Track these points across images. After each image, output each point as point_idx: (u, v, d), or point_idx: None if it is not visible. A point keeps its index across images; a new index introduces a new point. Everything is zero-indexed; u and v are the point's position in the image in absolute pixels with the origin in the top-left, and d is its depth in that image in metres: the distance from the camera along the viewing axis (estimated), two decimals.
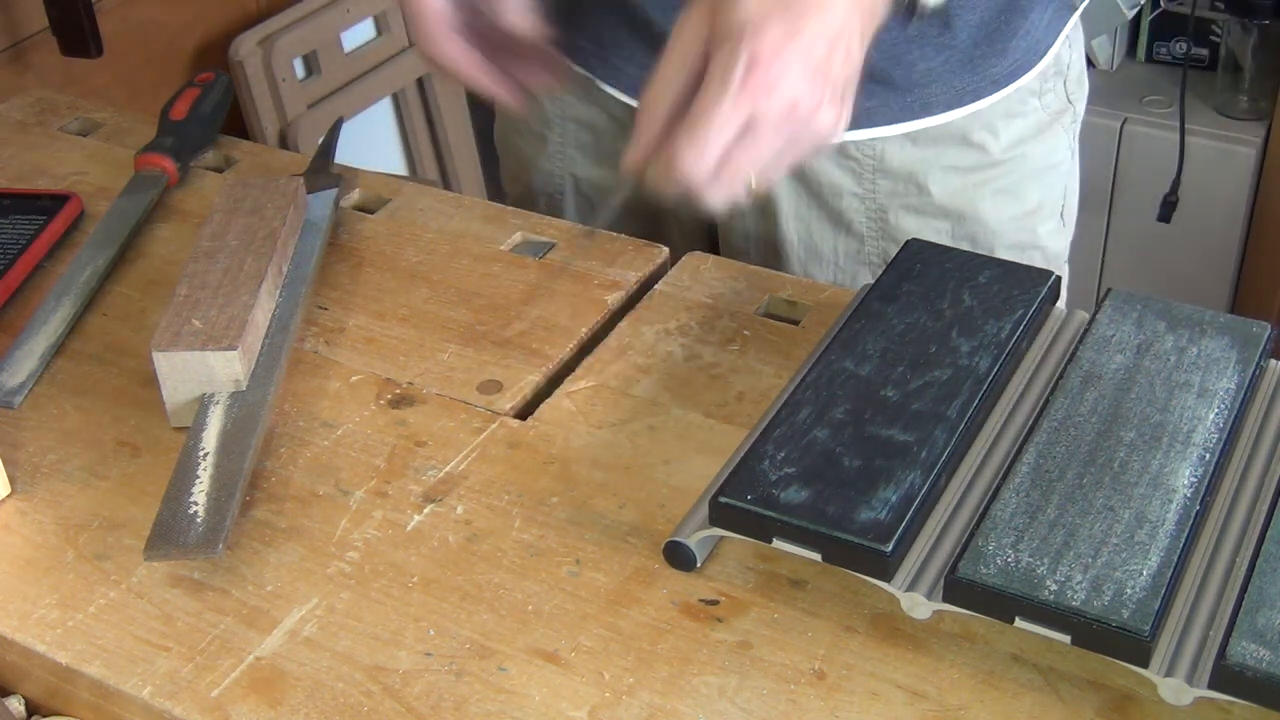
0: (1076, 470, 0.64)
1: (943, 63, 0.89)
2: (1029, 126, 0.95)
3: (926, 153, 0.93)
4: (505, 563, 0.68)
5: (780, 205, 0.96)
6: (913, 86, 0.90)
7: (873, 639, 0.63)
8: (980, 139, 0.94)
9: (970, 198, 0.95)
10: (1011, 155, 0.95)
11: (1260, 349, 0.71)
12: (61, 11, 1.51)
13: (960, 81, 0.90)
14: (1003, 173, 0.95)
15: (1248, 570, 0.60)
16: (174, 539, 0.67)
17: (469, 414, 0.77)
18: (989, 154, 0.94)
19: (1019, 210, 0.97)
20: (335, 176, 0.95)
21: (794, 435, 0.66)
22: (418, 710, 0.61)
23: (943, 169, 0.94)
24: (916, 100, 0.91)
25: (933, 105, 0.91)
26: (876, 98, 0.89)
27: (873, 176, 0.94)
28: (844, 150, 0.93)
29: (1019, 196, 0.97)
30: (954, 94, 0.91)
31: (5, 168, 1.01)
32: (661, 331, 0.82)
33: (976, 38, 0.89)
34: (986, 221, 0.96)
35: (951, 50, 0.89)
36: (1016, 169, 0.96)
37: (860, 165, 0.93)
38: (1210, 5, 2.02)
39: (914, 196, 0.94)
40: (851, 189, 0.94)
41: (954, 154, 0.94)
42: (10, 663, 0.67)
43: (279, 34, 1.92)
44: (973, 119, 0.92)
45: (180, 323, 0.76)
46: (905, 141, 0.92)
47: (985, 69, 0.91)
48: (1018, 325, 0.73)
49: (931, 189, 0.94)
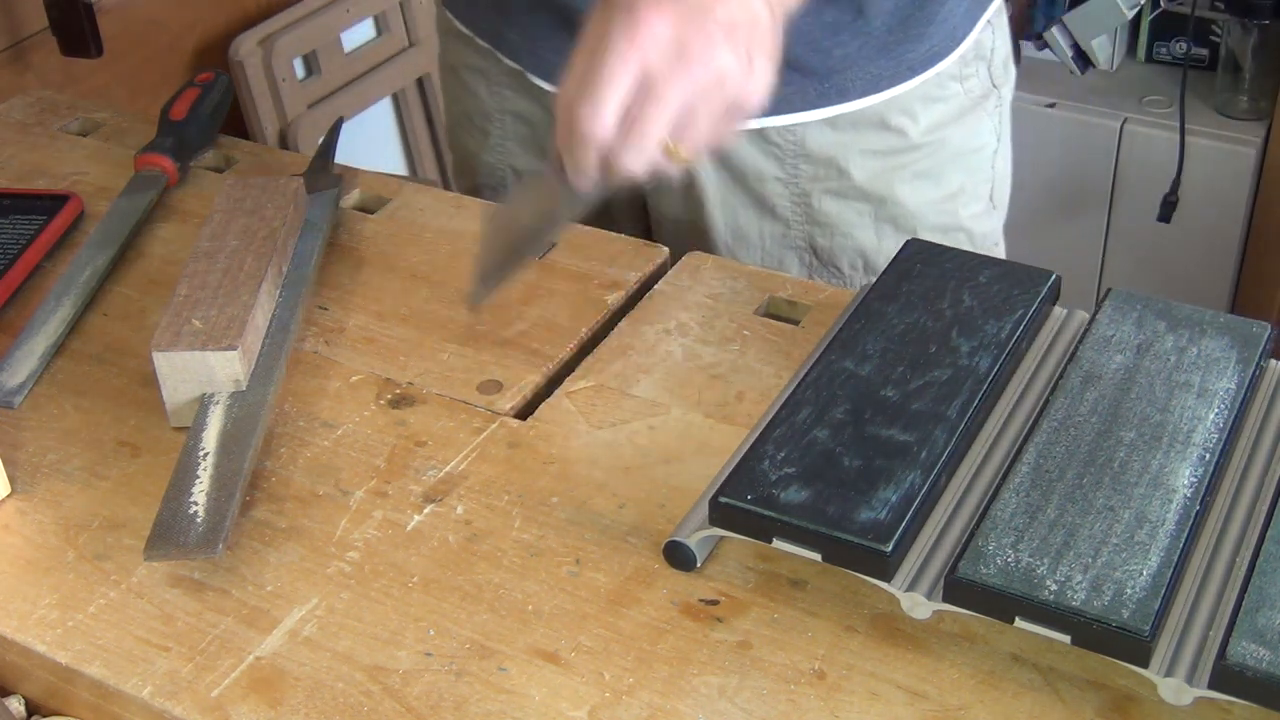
0: (1076, 470, 0.64)
1: (858, 48, 0.90)
2: (949, 111, 0.96)
3: (846, 137, 0.94)
4: (505, 563, 0.68)
5: (706, 191, 0.97)
6: (830, 73, 0.91)
7: (873, 639, 0.63)
8: (899, 123, 0.95)
9: (889, 180, 0.96)
10: (931, 139, 0.96)
11: (1260, 349, 0.71)
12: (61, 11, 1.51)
13: (876, 67, 0.92)
14: (922, 156, 0.97)
15: (1248, 570, 0.60)
16: (174, 539, 0.67)
17: (469, 414, 0.77)
18: (908, 138, 0.95)
19: (939, 193, 0.99)
20: (335, 176, 0.95)
21: (794, 435, 0.66)
22: (418, 710, 0.61)
23: (862, 153, 0.95)
24: (834, 86, 0.92)
25: (850, 91, 0.92)
26: (794, 84, 0.90)
27: (794, 161, 0.95)
28: (765, 136, 0.94)
29: (939, 180, 0.98)
30: (870, 79, 0.92)
31: (5, 168, 1.01)
32: (661, 331, 0.82)
33: (891, 24, 0.90)
34: (906, 204, 0.97)
35: (867, 37, 0.90)
36: (936, 152, 0.97)
37: (782, 150, 0.95)
38: (1210, 5, 2.02)
39: (835, 180, 0.96)
40: (775, 174, 0.96)
41: (873, 138, 0.95)
42: (10, 663, 0.67)
43: (279, 34, 1.91)
44: (890, 104, 0.94)
45: (180, 323, 0.76)
46: (825, 126, 0.94)
47: (901, 54, 0.92)
48: (1018, 325, 0.73)
49: (852, 173, 0.95)
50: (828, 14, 0.88)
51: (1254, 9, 1.95)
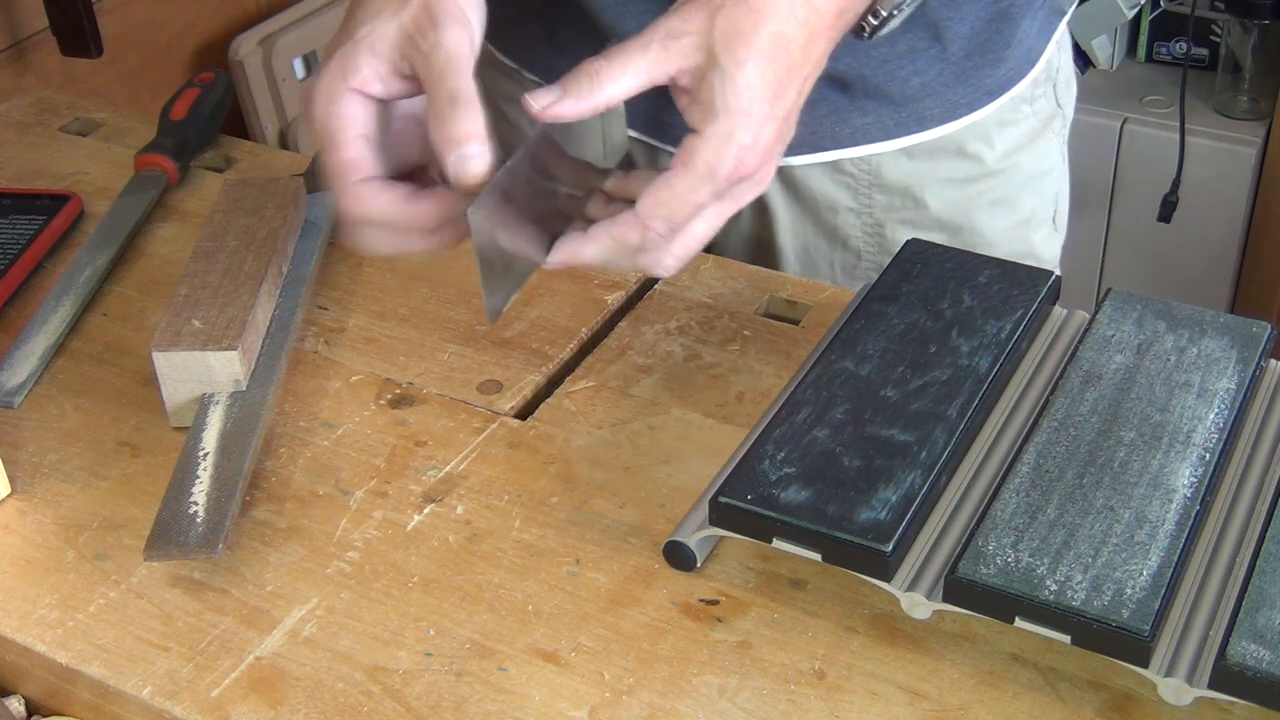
0: (1076, 470, 0.64)
1: (936, 75, 0.88)
2: (1022, 134, 0.95)
3: (922, 166, 0.92)
4: (505, 563, 0.68)
5: (777, 217, 0.96)
6: (907, 101, 0.89)
7: (873, 639, 0.63)
8: (976, 150, 0.93)
9: (967, 209, 0.95)
10: (1006, 165, 0.95)
11: (1260, 349, 0.71)
12: (61, 11, 1.51)
13: (954, 94, 0.90)
14: (998, 183, 0.95)
15: (1248, 570, 0.60)
16: (174, 539, 0.67)
17: (469, 414, 0.77)
18: (984, 164, 0.94)
19: (1014, 219, 0.97)
20: None
21: (794, 435, 0.66)
22: (418, 710, 0.61)
23: (939, 182, 0.93)
24: (911, 115, 0.90)
25: (928, 119, 0.90)
26: (871, 114, 0.89)
27: (869, 192, 0.93)
28: (839, 166, 0.92)
29: (1013, 206, 0.97)
30: (948, 106, 0.90)
31: (5, 168, 1.01)
32: (661, 331, 0.82)
33: (969, 49, 0.88)
34: (984, 233, 0.95)
35: (945, 63, 0.88)
36: (1011, 178, 0.96)
37: (856, 181, 0.93)
38: (1210, 5, 2.02)
39: (910, 210, 0.94)
40: (847, 204, 0.94)
41: (950, 166, 0.93)
42: (10, 663, 0.67)
43: (279, 34, 1.91)
44: (968, 130, 0.92)
45: (180, 323, 0.76)
46: (901, 156, 0.92)
47: (979, 80, 0.90)
48: (1018, 325, 0.73)
49: (928, 202, 0.94)
50: (903, 41, 0.86)
51: (1254, 9, 1.96)
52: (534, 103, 0.64)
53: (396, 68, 0.66)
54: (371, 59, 0.66)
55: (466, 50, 0.65)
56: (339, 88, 0.67)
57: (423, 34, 0.65)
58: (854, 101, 0.88)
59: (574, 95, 0.64)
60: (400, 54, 0.66)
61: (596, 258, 0.67)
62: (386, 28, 0.66)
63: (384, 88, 0.67)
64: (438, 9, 0.65)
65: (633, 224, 0.65)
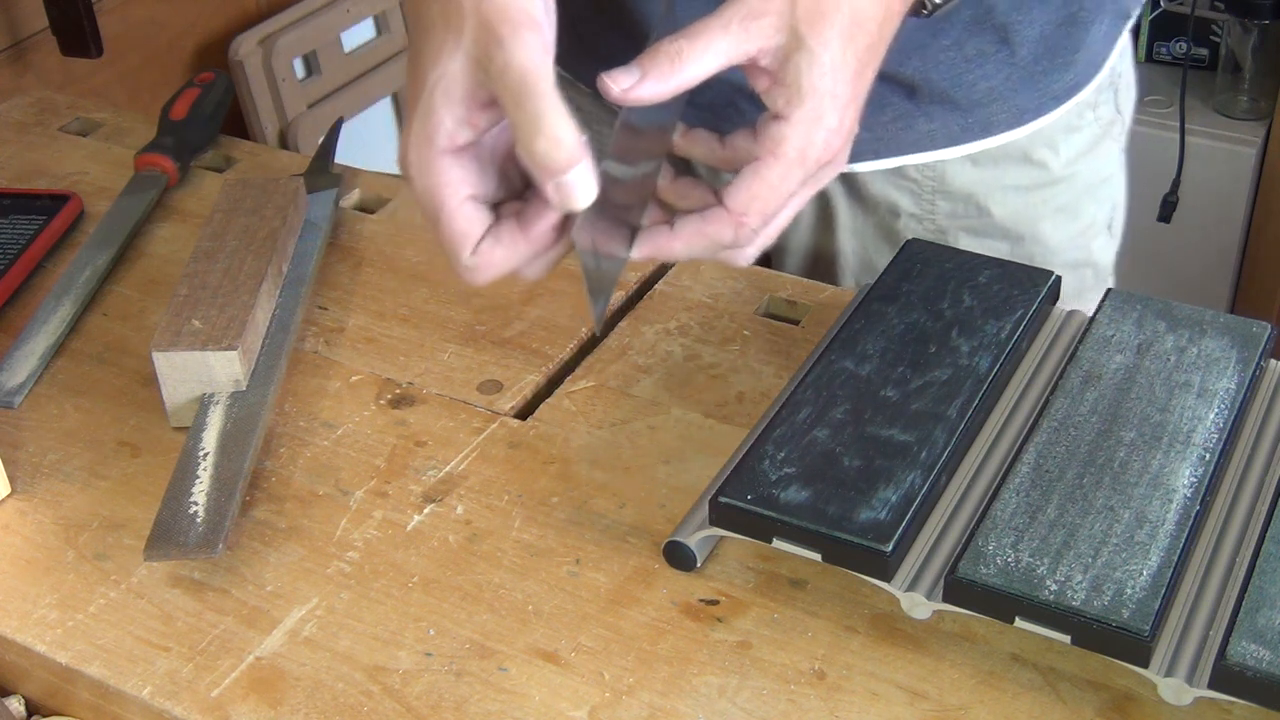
0: (1076, 470, 0.64)
1: (1004, 80, 0.86)
2: (1084, 140, 0.93)
3: (987, 174, 0.90)
4: (505, 563, 0.68)
5: (838, 219, 0.94)
6: (974, 107, 0.87)
7: (873, 639, 0.63)
8: (1041, 157, 0.91)
9: (1030, 217, 0.93)
10: (1070, 171, 0.93)
11: (1260, 349, 0.71)
12: (61, 11, 1.51)
13: (1021, 99, 0.88)
14: (1061, 190, 0.93)
15: (1248, 570, 0.60)
16: (174, 539, 0.67)
17: (469, 414, 0.77)
18: (1049, 171, 0.92)
19: (1076, 227, 0.95)
20: (335, 176, 0.95)
21: (794, 435, 0.66)
22: (418, 710, 0.61)
23: (1003, 189, 0.91)
24: (977, 121, 0.88)
25: (994, 125, 0.88)
26: (937, 120, 0.87)
27: (932, 198, 0.91)
28: (903, 172, 0.91)
29: (1076, 213, 0.94)
30: (1015, 112, 0.88)
31: (5, 168, 1.01)
32: (661, 331, 0.82)
33: (1037, 53, 0.86)
34: (1046, 241, 0.93)
35: (1012, 68, 0.86)
36: (1074, 185, 0.93)
37: (920, 187, 0.91)
38: (1210, 5, 2.02)
39: (974, 218, 0.92)
40: (910, 210, 0.92)
41: (1015, 173, 0.91)
42: (10, 663, 0.67)
43: (279, 34, 1.91)
44: (1034, 137, 0.90)
45: (180, 323, 0.76)
46: (966, 163, 0.90)
47: (1046, 85, 0.88)
48: (1018, 325, 0.73)
49: (992, 210, 0.92)
50: (970, 45, 0.84)
51: (1254, 9, 1.96)
52: (613, 85, 0.61)
53: (477, 100, 0.62)
54: (449, 106, 0.62)
55: (538, 57, 0.60)
56: (427, 155, 0.63)
57: (489, 57, 0.60)
58: (920, 107, 0.87)
59: (654, 76, 0.61)
60: (476, 84, 0.62)
61: (685, 254, 0.65)
62: (454, 65, 0.62)
63: (472, 129, 0.63)
64: (497, 21, 0.60)
65: (726, 220, 0.63)
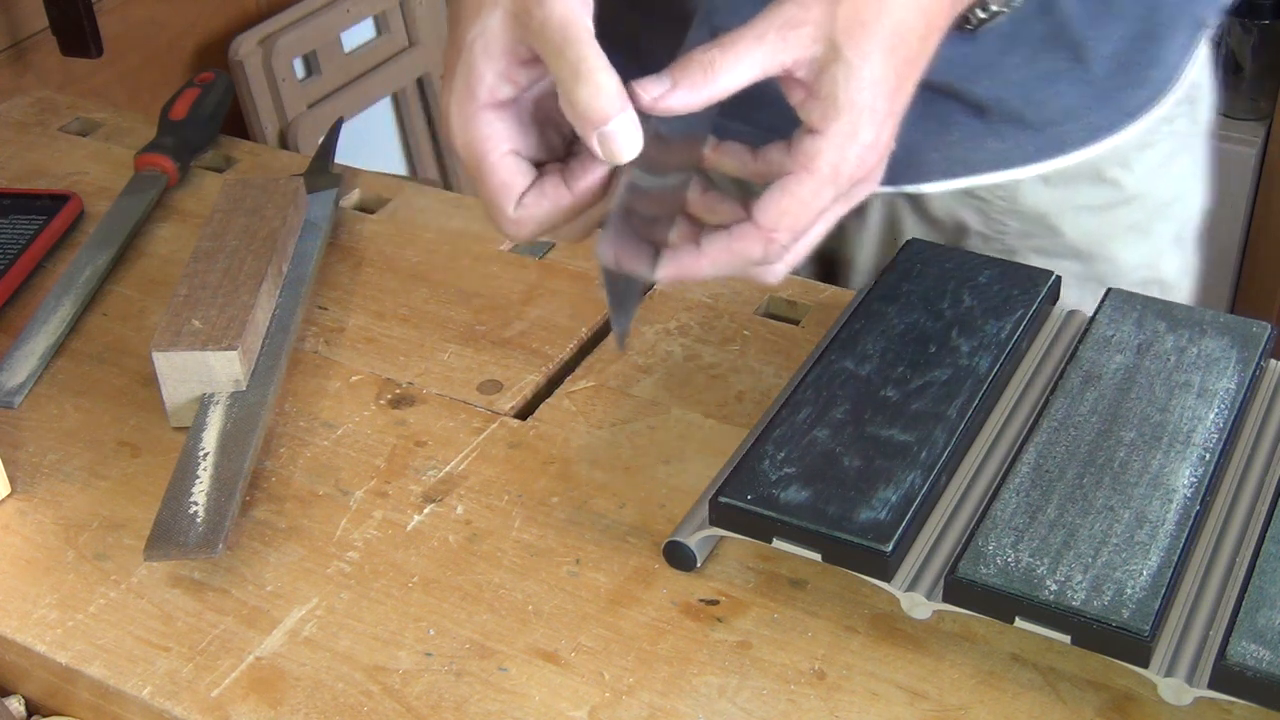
0: (1076, 470, 0.64)
1: (1077, 97, 0.84)
2: (1159, 156, 0.90)
3: (1059, 193, 0.88)
4: (505, 563, 0.68)
5: (904, 237, 0.91)
6: (1046, 125, 0.85)
7: (873, 639, 0.63)
8: (1114, 175, 0.88)
9: (1102, 238, 0.90)
10: (1144, 189, 0.90)
11: (1260, 349, 0.71)
12: (61, 11, 1.51)
13: (1096, 116, 0.85)
14: (1135, 208, 0.90)
15: (1248, 570, 0.60)
16: (174, 539, 0.67)
17: (469, 414, 0.77)
18: (1122, 190, 0.89)
19: (1148, 246, 0.92)
20: (335, 176, 0.95)
21: (794, 435, 0.66)
22: (418, 710, 0.61)
23: (1075, 209, 0.89)
24: (1050, 139, 0.86)
25: (1067, 143, 0.86)
26: (1009, 139, 0.85)
27: (1002, 218, 0.89)
28: (973, 192, 0.88)
29: (1148, 232, 0.92)
30: (1089, 130, 0.86)
31: (5, 168, 1.01)
32: (661, 331, 0.82)
33: (1112, 69, 0.83)
34: (1116, 260, 0.91)
35: (1086, 84, 0.83)
36: (1146, 203, 0.91)
37: (990, 206, 0.89)
38: None
39: (1045, 238, 0.90)
40: (978, 229, 0.90)
41: (1088, 192, 0.89)
42: (10, 663, 0.67)
43: (279, 34, 1.92)
44: (1108, 154, 0.87)
45: (180, 323, 0.76)
46: (1038, 182, 0.87)
47: (1121, 101, 0.86)
48: (1018, 325, 0.73)
49: (1064, 230, 0.89)
50: (1043, 63, 0.82)
51: (1254, 9, 1.95)
52: (644, 93, 0.60)
53: (517, 56, 0.62)
54: (489, 62, 0.62)
55: (578, 8, 0.59)
56: (469, 109, 0.62)
57: (528, 11, 0.59)
58: (990, 126, 0.84)
59: (686, 86, 0.59)
60: (516, 40, 0.61)
61: (711, 273, 0.63)
62: (492, 21, 0.61)
63: (512, 86, 0.63)
64: None
65: (755, 237, 0.61)
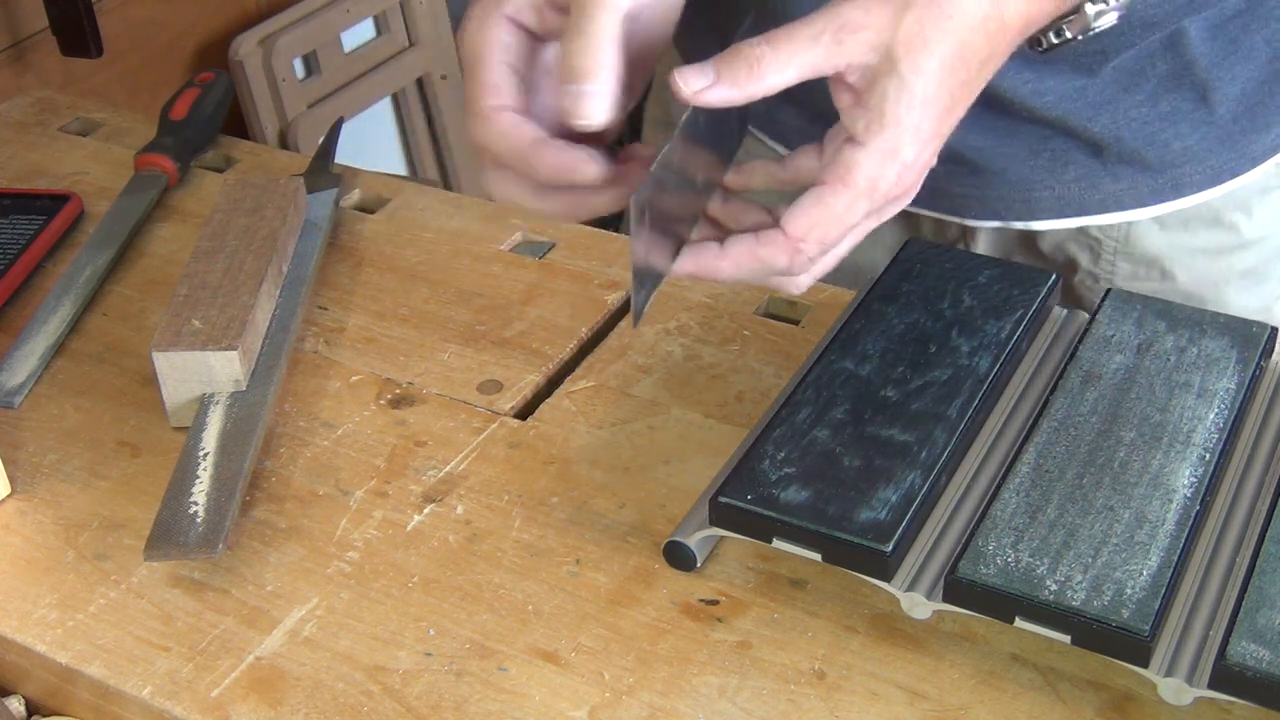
0: (1076, 470, 0.64)
1: (1199, 140, 0.82)
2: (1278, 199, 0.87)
3: (1174, 236, 0.86)
4: (505, 563, 0.68)
5: None
6: (1166, 167, 0.83)
7: (873, 639, 0.63)
8: (1233, 220, 0.86)
9: (1215, 282, 0.88)
10: (1261, 234, 0.88)
11: (1260, 349, 0.71)
12: (61, 11, 1.52)
13: (1218, 159, 0.83)
14: (1251, 254, 0.88)
15: (1248, 570, 0.60)
16: (174, 539, 0.67)
17: (469, 414, 0.77)
18: (1240, 234, 0.87)
19: (1263, 291, 0.90)
20: (335, 176, 0.95)
21: (794, 435, 0.66)
22: (418, 710, 0.61)
23: (1190, 253, 0.87)
24: (1169, 181, 0.83)
25: (1185, 186, 0.84)
26: (1125, 179, 0.83)
27: (1113, 259, 0.87)
28: (1085, 230, 0.87)
29: (1263, 277, 0.90)
30: (1210, 173, 0.83)
31: (5, 168, 1.01)
32: (661, 331, 0.82)
33: (1237, 111, 0.81)
34: (1231, 306, 0.88)
35: (1210, 126, 0.81)
36: (1263, 248, 0.88)
37: (1101, 246, 0.87)
38: None
39: (1156, 281, 0.88)
40: (1088, 268, 0.88)
41: (1204, 236, 0.86)
42: (10, 663, 0.67)
43: (279, 34, 1.92)
44: (1227, 198, 0.85)
45: (180, 323, 0.76)
46: (1153, 225, 0.86)
47: (1245, 145, 0.83)
48: (1018, 325, 0.73)
49: (1177, 274, 0.87)
50: (1165, 103, 0.80)
51: None
52: (684, 85, 0.58)
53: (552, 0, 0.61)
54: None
55: None
56: (493, 13, 0.61)
57: None
58: (1107, 166, 0.83)
59: (729, 81, 0.58)
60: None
61: (733, 276, 0.62)
62: None
63: (539, 19, 0.61)
64: None
65: (782, 245, 0.60)
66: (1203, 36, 0.78)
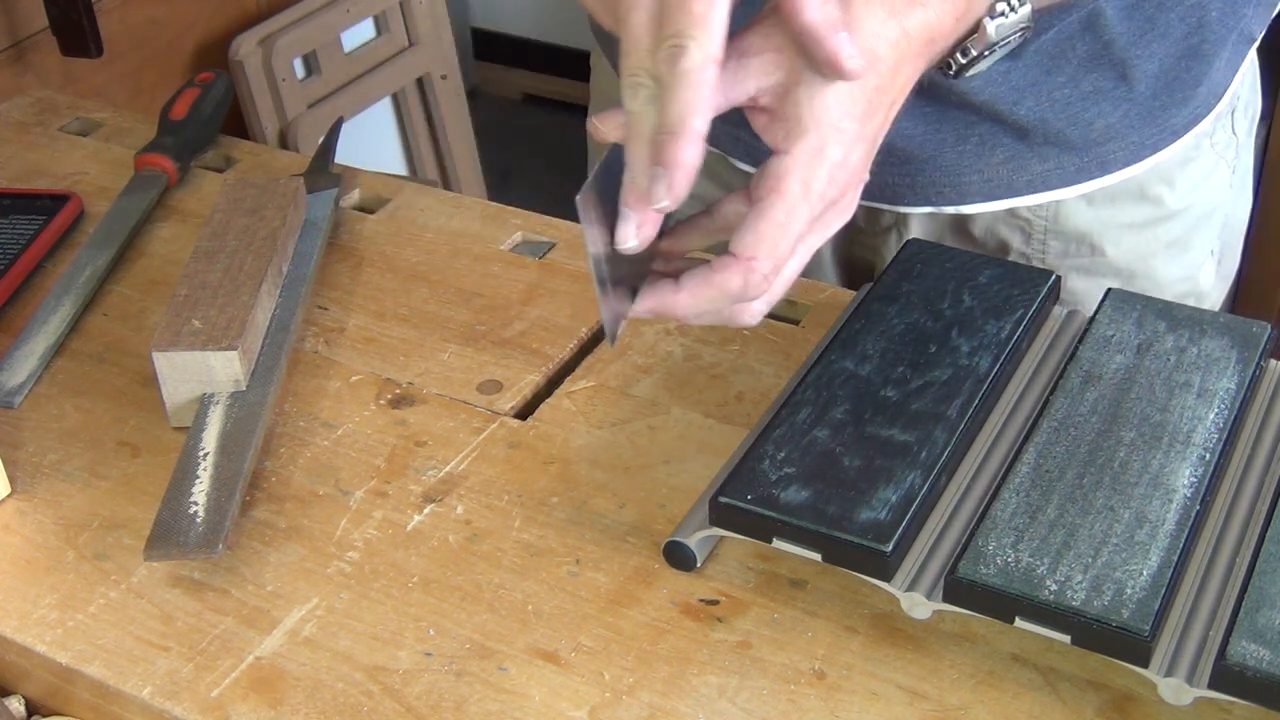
0: (1076, 470, 0.64)
1: (1121, 117, 0.83)
2: (1200, 171, 0.90)
3: (1102, 212, 0.88)
4: (505, 563, 0.68)
5: None
6: (1090, 145, 0.84)
7: (873, 639, 0.63)
8: (1157, 192, 0.88)
9: (1144, 254, 0.90)
10: (1184, 205, 0.90)
11: (1260, 349, 0.71)
12: (61, 11, 1.52)
13: (1140, 135, 0.85)
14: (1175, 224, 0.90)
15: (1248, 570, 0.60)
16: (174, 539, 0.67)
17: (469, 414, 0.77)
18: (1164, 206, 0.89)
19: (1186, 260, 0.92)
20: (335, 176, 0.95)
21: (794, 435, 0.66)
22: (418, 710, 0.61)
23: (1118, 228, 0.89)
24: (1094, 159, 0.85)
25: (1110, 163, 0.85)
26: (1051, 160, 0.85)
27: (1043, 238, 0.89)
28: (1015, 212, 0.88)
29: (1187, 246, 0.92)
30: (1133, 149, 0.85)
31: (5, 168, 1.01)
32: (661, 331, 0.82)
33: (1156, 88, 0.83)
34: (1157, 276, 0.91)
35: (1130, 104, 0.83)
36: (1186, 218, 0.91)
37: (1031, 226, 0.89)
38: None
39: (1086, 258, 0.89)
40: (1020, 249, 0.89)
41: (1131, 211, 0.88)
42: (10, 663, 0.67)
43: (279, 34, 1.92)
44: (1150, 172, 0.87)
45: (180, 323, 0.76)
46: (1081, 203, 0.87)
47: (1165, 119, 0.85)
48: (1018, 325, 0.73)
49: (1106, 250, 0.89)
50: (1086, 83, 0.81)
51: None
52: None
53: None
54: None
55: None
56: None
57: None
58: (1033, 148, 0.84)
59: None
60: None
61: (691, 308, 0.62)
62: None
63: None
64: None
65: (734, 267, 0.60)
66: (1120, 16, 0.80)
